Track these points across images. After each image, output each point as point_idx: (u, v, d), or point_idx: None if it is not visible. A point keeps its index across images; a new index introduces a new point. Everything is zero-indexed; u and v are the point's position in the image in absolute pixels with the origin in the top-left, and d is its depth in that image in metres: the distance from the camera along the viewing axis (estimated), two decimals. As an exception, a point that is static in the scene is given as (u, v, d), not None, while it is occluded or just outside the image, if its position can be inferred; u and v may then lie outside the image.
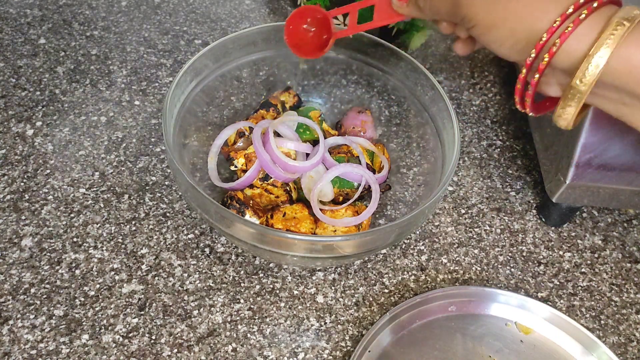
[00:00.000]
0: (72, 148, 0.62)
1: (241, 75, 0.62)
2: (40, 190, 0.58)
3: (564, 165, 0.54)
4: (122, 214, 0.57)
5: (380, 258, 0.57)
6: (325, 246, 0.47)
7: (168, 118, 0.51)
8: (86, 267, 0.53)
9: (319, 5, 0.50)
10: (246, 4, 0.82)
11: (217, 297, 0.52)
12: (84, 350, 0.48)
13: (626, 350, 0.53)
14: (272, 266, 0.55)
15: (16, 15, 0.76)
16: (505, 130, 0.70)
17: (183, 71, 0.53)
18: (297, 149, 0.56)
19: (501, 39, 0.38)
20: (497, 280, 0.56)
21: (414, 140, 0.61)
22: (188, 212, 0.58)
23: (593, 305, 0.55)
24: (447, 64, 0.77)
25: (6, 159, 0.60)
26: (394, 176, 0.60)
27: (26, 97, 0.66)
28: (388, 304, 0.53)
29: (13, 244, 0.54)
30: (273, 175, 0.54)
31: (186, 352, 0.48)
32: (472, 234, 0.60)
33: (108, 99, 0.67)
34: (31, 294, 0.50)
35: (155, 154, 0.62)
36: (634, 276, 0.58)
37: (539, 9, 0.36)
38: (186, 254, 0.55)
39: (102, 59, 0.72)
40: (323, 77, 0.64)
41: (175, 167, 0.47)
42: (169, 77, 0.71)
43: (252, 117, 0.60)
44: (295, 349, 0.50)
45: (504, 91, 0.75)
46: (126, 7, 0.80)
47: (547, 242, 0.60)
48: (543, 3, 0.36)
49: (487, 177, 0.65)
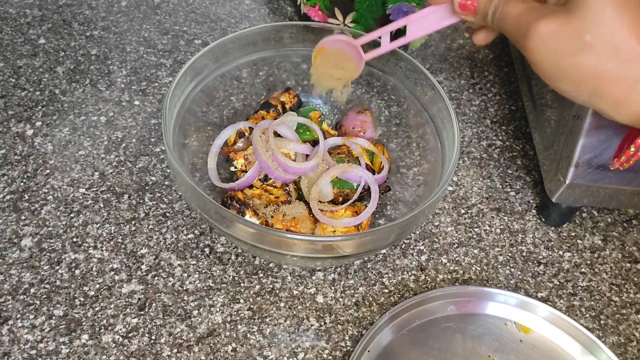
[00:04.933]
0: (71, 148, 0.62)
1: (241, 76, 0.62)
2: (40, 190, 0.58)
3: (564, 165, 0.54)
4: (122, 214, 0.57)
5: (380, 258, 0.57)
6: (325, 246, 0.47)
7: (168, 118, 0.51)
8: (86, 267, 0.53)
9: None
10: (246, 4, 0.82)
11: (217, 297, 0.52)
12: (83, 350, 0.48)
13: (626, 350, 0.53)
14: (272, 266, 0.55)
15: (16, 15, 0.76)
16: (505, 130, 0.70)
17: (183, 71, 0.53)
18: (297, 150, 0.56)
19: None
20: (496, 280, 0.56)
21: (413, 140, 0.61)
22: (188, 212, 0.58)
23: (593, 305, 0.55)
24: (447, 64, 0.77)
25: (6, 159, 0.60)
26: (394, 176, 0.60)
27: (26, 97, 0.66)
28: (388, 304, 0.53)
29: (13, 244, 0.54)
30: (272, 177, 0.54)
31: (186, 352, 0.48)
32: (472, 234, 0.60)
33: (108, 99, 0.67)
34: (31, 294, 0.50)
35: (155, 154, 0.62)
36: (634, 276, 0.58)
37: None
38: (186, 254, 0.55)
39: (101, 59, 0.72)
40: (323, 77, 0.64)
41: (175, 167, 0.47)
42: (168, 77, 0.71)
43: (252, 117, 0.60)
44: (295, 349, 0.50)
45: (504, 91, 0.75)
46: (126, 7, 0.79)
47: (546, 242, 0.60)
48: None
49: (487, 177, 0.65)
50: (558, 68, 0.37)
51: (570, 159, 0.52)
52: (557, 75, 0.37)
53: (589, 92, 0.37)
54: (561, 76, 0.37)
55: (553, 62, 0.36)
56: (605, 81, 0.36)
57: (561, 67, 0.36)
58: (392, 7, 0.68)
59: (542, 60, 0.37)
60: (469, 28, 0.84)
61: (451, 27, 0.83)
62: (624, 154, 0.41)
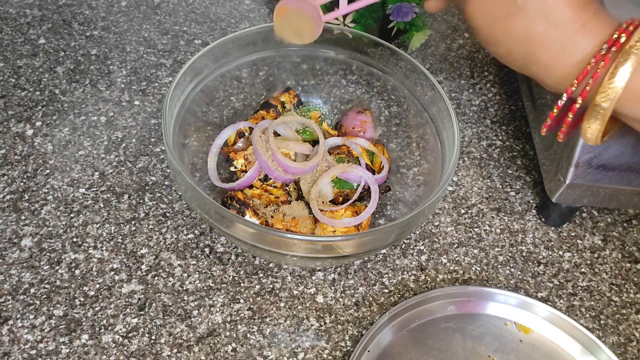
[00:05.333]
0: (71, 148, 0.62)
1: (241, 75, 0.62)
2: (40, 190, 0.58)
3: (564, 165, 0.54)
4: (122, 214, 0.57)
5: (380, 258, 0.57)
6: (325, 246, 0.47)
7: (168, 118, 0.51)
8: (86, 267, 0.53)
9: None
10: (246, 4, 0.82)
11: (217, 297, 0.52)
12: (83, 350, 0.48)
13: (626, 350, 0.53)
14: (272, 266, 0.55)
15: (16, 15, 0.76)
16: (505, 130, 0.70)
17: (183, 71, 0.53)
18: (297, 150, 0.56)
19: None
20: (496, 280, 0.56)
21: (413, 140, 0.61)
22: (188, 212, 0.58)
23: (593, 305, 0.55)
24: (447, 64, 0.77)
25: (6, 159, 0.60)
26: (394, 176, 0.60)
27: (26, 97, 0.66)
28: (388, 304, 0.53)
29: (13, 244, 0.54)
30: (272, 177, 0.54)
31: (186, 352, 0.48)
32: (472, 234, 0.60)
33: (108, 99, 0.67)
34: (31, 294, 0.50)
35: (155, 154, 0.62)
36: (634, 276, 0.58)
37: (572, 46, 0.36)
38: (186, 254, 0.55)
39: (101, 59, 0.72)
40: (323, 77, 0.64)
41: (175, 167, 0.47)
42: (168, 77, 0.71)
43: (252, 117, 0.60)
44: (295, 349, 0.50)
45: (504, 91, 0.75)
46: (126, 7, 0.79)
47: (546, 242, 0.60)
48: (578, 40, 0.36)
49: (487, 177, 0.65)
50: (493, 32, 0.38)
51: (570, 159, 0.52)
52: (492, 39, 0.38)
53: (521, 55, 0.38)
54: (496, 40, 0.38)
55: (489, 27, 0.38)
56: (536, 45, 0.37)
57: (495, 31, 0.38)
58: (392, 7, 0.68)
59: (479, 25, 0.38)
60: (470, 28, 0.84)
61: (451, 27, 0.83)
62: (553, 120, 0.41)
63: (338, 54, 0.62)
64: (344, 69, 0.63)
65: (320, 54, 0.62)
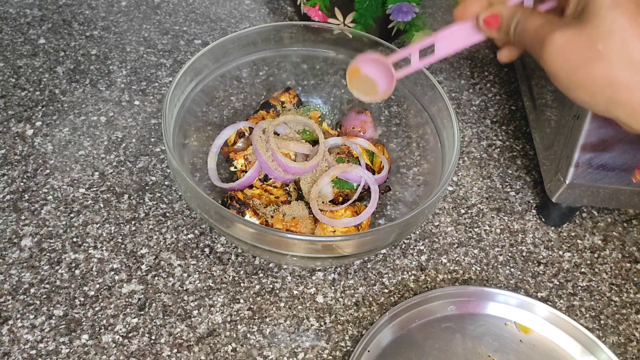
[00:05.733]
0: (71, 148, 0.62)
1: (241, 75, 0.62)
2: (40, 190, 0.58)
3: (564, 165, 0.54)
4: (122, 214, 0.57)
5: (380, 258, 0.57)
6: (325, 246, 0.47)
7: (168, 118, 0.51)
8: (86, 267, 0.53)
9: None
10: (246, 4, 0.82)
11: (217, 297, 0.52)
12: (83, 350, 0.48)
13: (626, 350, 0.53)
14: (272, 266, 0.55)
15: (16, 15, 0.76)
16: (505, 130, 0.70)
17: (183, 71, 0.53)
18: (297, 150, 0.56)
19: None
20: (496, 280, 0.56)
21: (413, 140, 0.61)
22: (188, 212, 0.58)
23: (593, 305, 0.55)
24: (447, 64, 0.77)
25: (6, 159, 0.60)
26: (394, 176, 0.60)
27: (26, 97, 0.66)
28: (388, 304, 0.53)
29: (13, 244, 0.54)
30: (272, 177, 0.54)
31: (186, 352, 0.48)
32: (472, 234, 0.60)
33: (108, 99, 0.67)
34: (31, 294, 0.50)
35: (155, 154, 0.62)
36: (634, 276, 0.58)
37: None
38: (186, 254, 0.55)
39: (101, 59, 0.72)
40: (323, 77, 0.64)
41: (175, 167, 0.47)
42: (168, 77, 0.71)
43: (252, 117, 0.60)
44: (295, 349, 0.50)
45: (504, 91, 0.75)
46: (126, 7, 0.79)
47: (546, 242, 0.60)
48: None
49: (487, 177, 0.65)
50: (573, 78, 0.37)
51: (570, 159, 0.52)
52: (573, 85, 0.38)
53: (605, 101, 0.37)
54: (577, 86, 0.37)
55: (568, 73, 0.37)
56: (621, 90, 0.36)
57: (576, 77, 0.37)
58: (392, 7, 0.68)
59: (558, 71, 0.37)
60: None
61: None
62: None
63: (338, 54, 0.62)
64: (344, 69, 0.63)
65: (320, 54, 0.62)
